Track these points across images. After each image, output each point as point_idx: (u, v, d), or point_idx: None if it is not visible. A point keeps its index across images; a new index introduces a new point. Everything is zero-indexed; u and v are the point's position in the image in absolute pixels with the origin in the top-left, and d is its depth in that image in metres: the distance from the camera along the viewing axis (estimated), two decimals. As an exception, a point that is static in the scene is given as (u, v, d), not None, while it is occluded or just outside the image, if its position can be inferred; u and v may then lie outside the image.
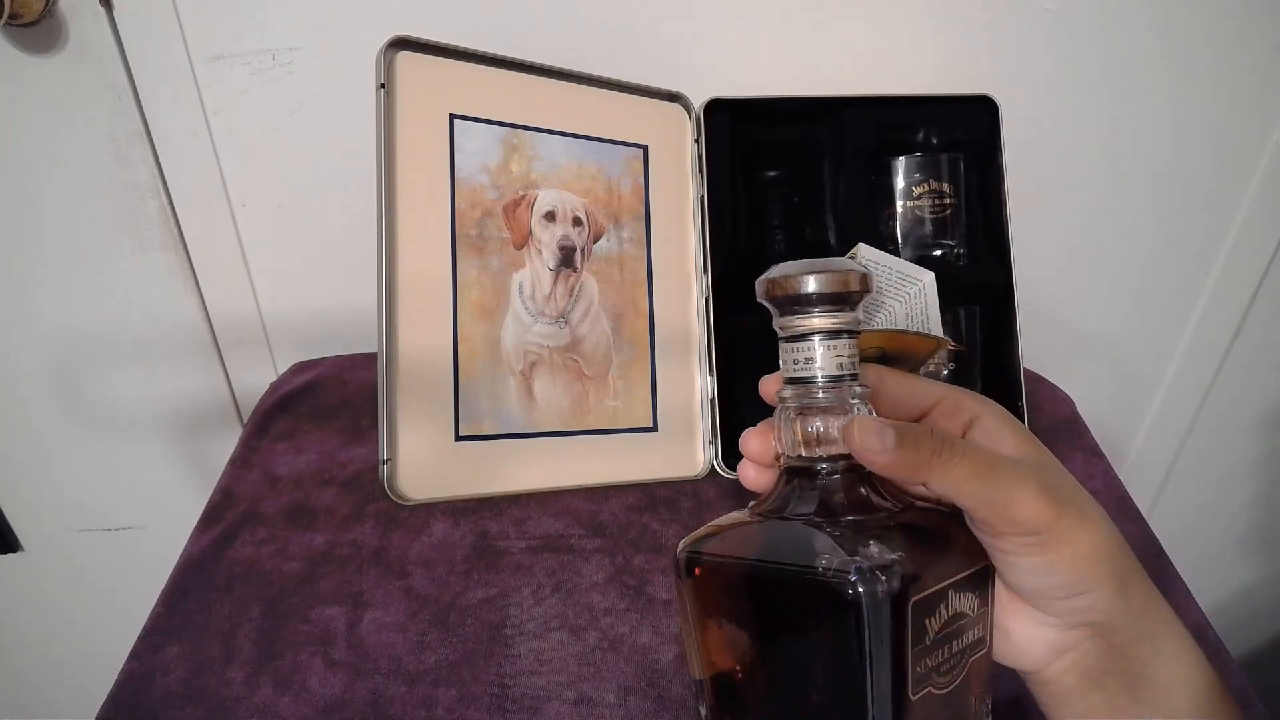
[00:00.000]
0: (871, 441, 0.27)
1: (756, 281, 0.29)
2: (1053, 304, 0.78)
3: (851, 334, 0.29)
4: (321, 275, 0.73)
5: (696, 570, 0.30)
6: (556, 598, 0.50)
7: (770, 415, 0.31)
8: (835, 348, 0.29)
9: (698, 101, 0.59)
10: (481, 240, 0.54)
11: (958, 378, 0.60)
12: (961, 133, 0.61)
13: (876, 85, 0.60)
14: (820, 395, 0.29)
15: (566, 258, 0.56)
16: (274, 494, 0.57)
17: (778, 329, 0.30)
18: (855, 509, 0.28)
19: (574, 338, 0.57)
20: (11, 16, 0.55)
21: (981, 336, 0.61)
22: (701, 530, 0.31)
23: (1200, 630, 0.50)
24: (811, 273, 0.28)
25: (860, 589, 0.25)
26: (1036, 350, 0.75)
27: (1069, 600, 0.29)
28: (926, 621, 0.26)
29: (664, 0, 0.63)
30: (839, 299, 0.28)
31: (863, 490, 0.29)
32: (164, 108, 0.64)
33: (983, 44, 0.65)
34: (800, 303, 0.28)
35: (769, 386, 0.31)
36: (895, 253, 0.61)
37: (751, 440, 0.32)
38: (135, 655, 0.47)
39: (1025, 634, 0.31)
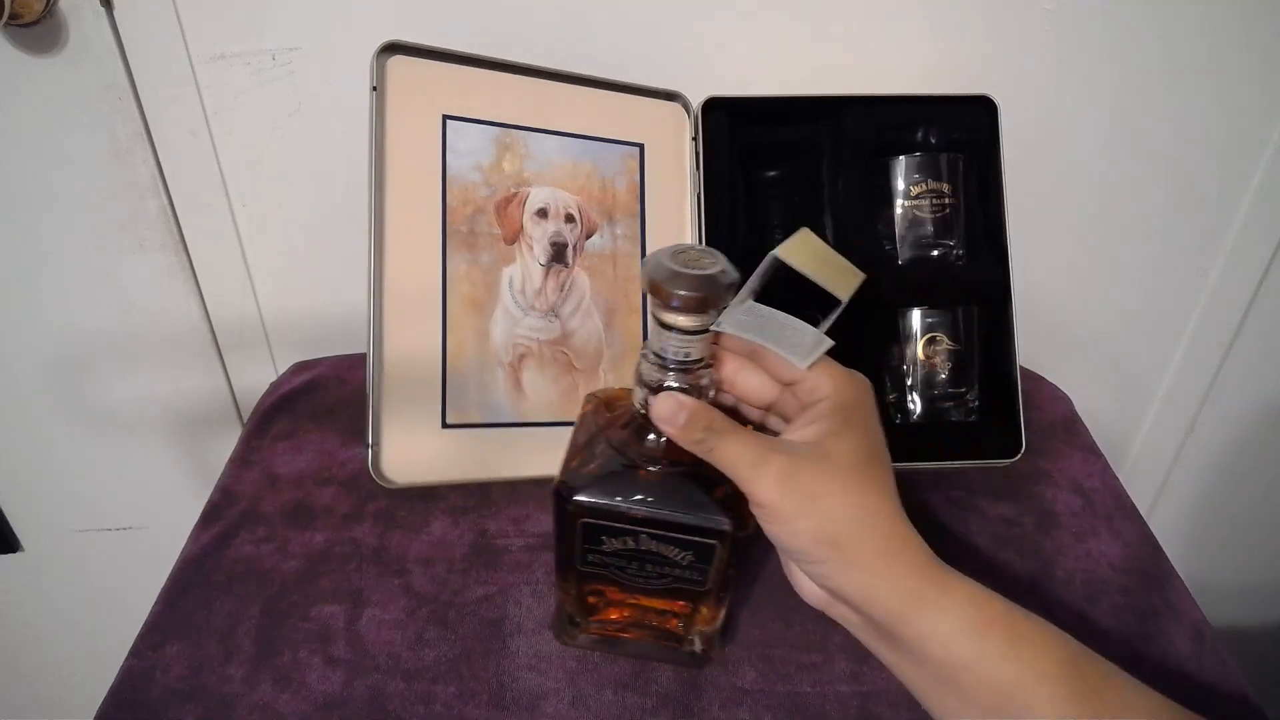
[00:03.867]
0: (664, 415, 0.35)
1: (642, 263, 0.34)
2: (1053, 304, 0.78)
3: (707, 331, 0.34)
4: (321, 275, 0.73)
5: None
6: (555, 595, 0.50)
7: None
8: (692, 341, 0.34)
9: (695, 101, 0.59)
10: (472, 236, 0.55)
11: (958, 376, 0.60)
12: (961, 133, 0.61)
13: (875, 85, 0.60)
14: (671, 374, 0.35)
15: (558, 253, 0.57)
16: (274, 493, 0.58)
17: (651, 307, 0.34)
18: (645, 458, 0.37)
19: (564, 331, 0.57)
20: (11, 17, 0.56)
21: (980, 336, 0.61)
22: (611, 398, 0.41)
23: (1200, 630, 0.50)
24: (681, 288, 0.32)
25: (553, 491, 0.37)
26: (1036, 350, 0.75)
27: (804, 566, 0.36)
28: (603, 538, 0.38)
29: None
30: (702, 305, 0.33)
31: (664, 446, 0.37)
32: (164, 108, 0.64)
33: (982, 44, 0.65)
34: (668, 304, 0.33)
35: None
36: (894, 254, 0.61)
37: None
38: (135, 653, 0.47)
39: (798, 579, 0.37)
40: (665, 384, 0.35)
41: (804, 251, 0.37)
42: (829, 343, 0.37)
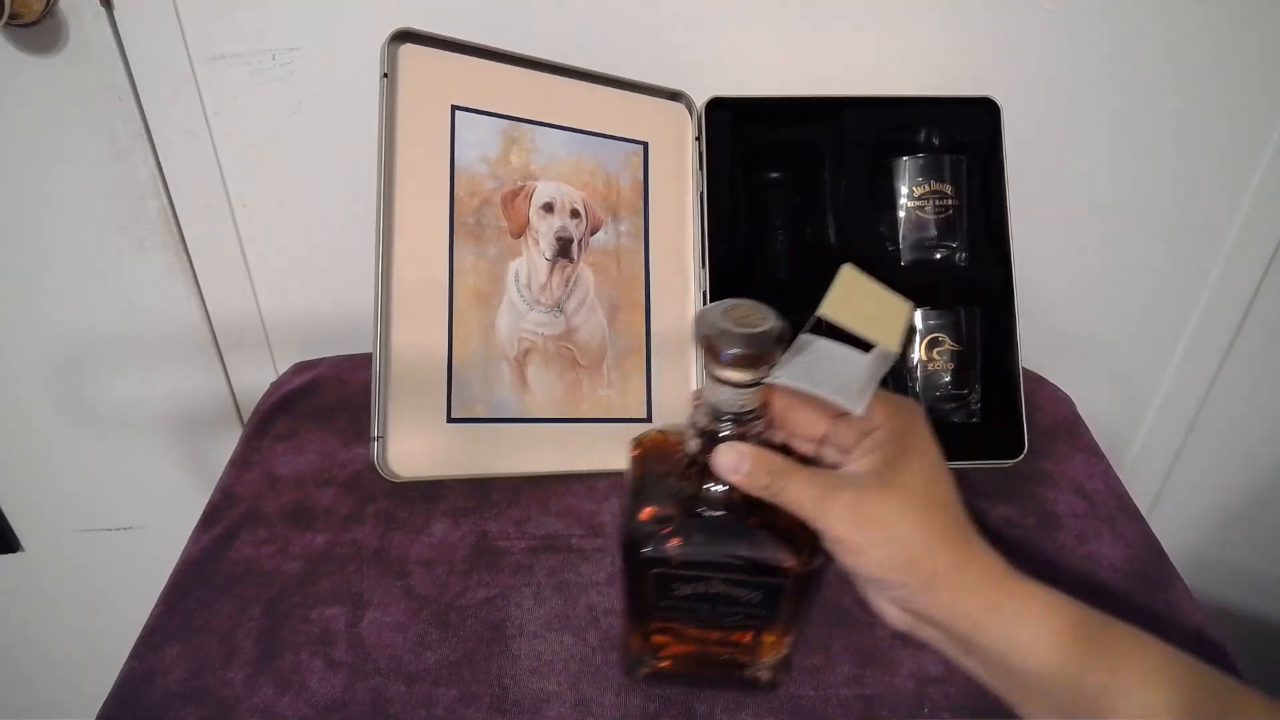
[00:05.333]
0: (727, 466, 0.35)
1: (694, 318, 0.34)
2: (1053, 304, 0.78)
3: (758, 383, 0.35)
4: (321, 275, 0.73)
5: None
6: (557, 598, 0.50)
7: None
8: (745, 394, 0.35)
9: (699, 100, 0.59)
10: (479, 228, 0.55)
11: (960, 377, 0.60)
12: (963, 134, 0.61)
13: (878, 86, 0.60)
14: (725, 424, 0.36)
15: (563, 248, 0.57)
16: (274, 494, 0.57)
17: (704, 362, 0.35)
18: (709, 504, 0.37)
19: (569, 327, 0.57)
20: (12, 17, 0.55)
21: (982, 337, 0.61)
22: (657, 442, 0.41)
23: (1200, 630, 0.50)
24: (734, 347, 0.33)
25: (623, 545, 0.38)
26: (1037, 351, 0.75)
27: (885, 593, 0.36)
28: (673, 585, 0.38)
29: None
30: (754, 362, 0.33)
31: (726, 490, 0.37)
32: (164, 108, 0.64)
33: (984, 45, 0.65)
34: (720, 360, 0.33)
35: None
36: (896, 255, 0.61)
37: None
38: (136, 655, 0.47)
39: (878, 605, 0.37)
40: (719, 433, 0.36)
41: (847, 302, 0.36)
42: (886, 368, 0.37)
